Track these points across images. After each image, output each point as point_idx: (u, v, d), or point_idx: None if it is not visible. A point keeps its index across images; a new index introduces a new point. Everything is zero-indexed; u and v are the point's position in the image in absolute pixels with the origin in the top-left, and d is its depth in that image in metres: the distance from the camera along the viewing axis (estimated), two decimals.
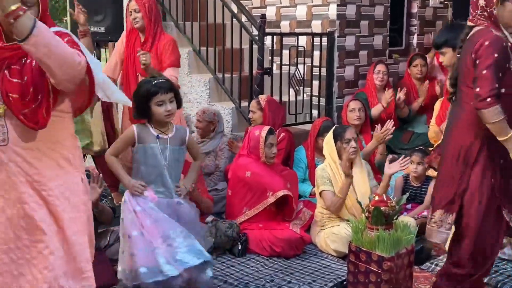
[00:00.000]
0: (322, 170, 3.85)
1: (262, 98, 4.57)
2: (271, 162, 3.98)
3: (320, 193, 3.83)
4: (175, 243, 2.85)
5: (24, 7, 1.88)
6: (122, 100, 2.35)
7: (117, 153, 3.04)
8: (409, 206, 4.25)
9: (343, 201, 3.71)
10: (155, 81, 2.89)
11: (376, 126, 4.46)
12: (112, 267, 3.28)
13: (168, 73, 3.89)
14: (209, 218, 3.97)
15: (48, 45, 1.89)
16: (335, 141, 3.85)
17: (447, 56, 3.25)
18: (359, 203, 3.27)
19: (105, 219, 3.46)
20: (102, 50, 5.87)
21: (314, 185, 4.39)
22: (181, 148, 2.99)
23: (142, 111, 2.90)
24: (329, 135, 3.92)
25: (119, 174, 2.99)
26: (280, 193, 3.83)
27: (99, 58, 5.41)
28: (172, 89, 2.93)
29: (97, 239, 3.39)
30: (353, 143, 3.81)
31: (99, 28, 5.16)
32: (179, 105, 3.02)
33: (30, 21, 1.86)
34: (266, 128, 4.00)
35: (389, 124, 4.37)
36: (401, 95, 5.28)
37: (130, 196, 2.95)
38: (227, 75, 5.29)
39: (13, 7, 1.83)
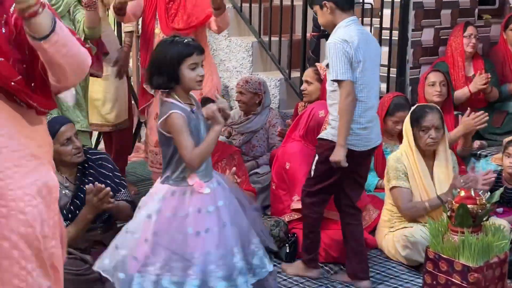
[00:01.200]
0: (397, 160, 3.80)
1: (322, 66, 4.53)
2: None
3: (391, 189, 3.79)
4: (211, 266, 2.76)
5: (43, 1, 1.88)
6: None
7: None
8: (500, 210, 4.16)
9: (427, 212, 3.66)
10: (186, 40, 2.87)
11: (468, 109, 4.38)
12: None
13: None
14: None
15: (66, 45, 1.94)
16: (412, 126, 3.80)
17: (318, 15, 3.31)
18: (440, 199, 3.22)
19: (122, 217, 3.52)
20: None
21: (381, 177, 4.37)
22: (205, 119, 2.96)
23: (170, 77, 2.84)
24: (408, 116, 3.88)
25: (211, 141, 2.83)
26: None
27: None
28: (204, 51, 2.92)
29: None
30: (432, 133, 3.74)
31: None
32: None
33: (49, 16, 1.89)
34: None
35: (483, 116, 4.31)
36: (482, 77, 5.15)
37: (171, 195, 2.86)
38: (275, 39, 5.28)
39: (32, 1, 1.84)
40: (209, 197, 2.83)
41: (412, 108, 3.94)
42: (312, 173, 3.43)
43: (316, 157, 3.40)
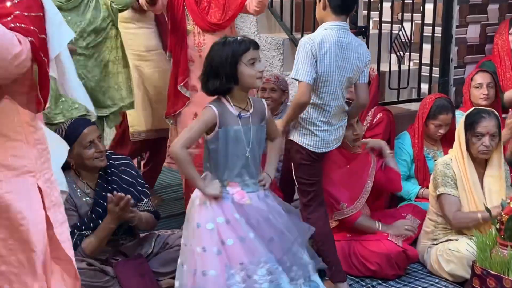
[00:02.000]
0: (446, 165, 3.78)
1: (372, 67, 4.50)
2: (355, 145, 3.92)
3: (438, 196, 3.77)
4: (255, 276, 2.88)
5: None
6: (83, 102, 2.42)
7: (190, 144, 2.97)
8: None
9: (478, 224, 3.61)
10: (239, 38, 2.97)
11: (510, 110, 4.35)
12: (157, 282, 3.36)
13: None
14: None
15: None
16: (465, 130, 3.78)
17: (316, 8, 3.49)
18: (488, 211, 3.19)
19: (145, 228, 3.56)
20: None
21: (422, 185, 4.37)
22: (262, 127, 3.07)
23: (229, 77, 2.90)
24: (462, 119, 3.85)
25: (191, 175, 2.97)
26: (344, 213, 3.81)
27: None
28: (259, 46, 3.03)
29: (138, 246, 3.51)
30: (486, 141, 3.71)
31: None
32: None
33: None
34: None
35: None
36: None
37: (211, 199, 2.97)
38: None
39: None
40: (251, 208, 2.96)
41: (468, 111, 3.90)
42: (296, 184, 3.55)
43: (293, 166, 3.52)
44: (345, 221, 3.80)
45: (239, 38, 2.96)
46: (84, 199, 3.41)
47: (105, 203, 3.33)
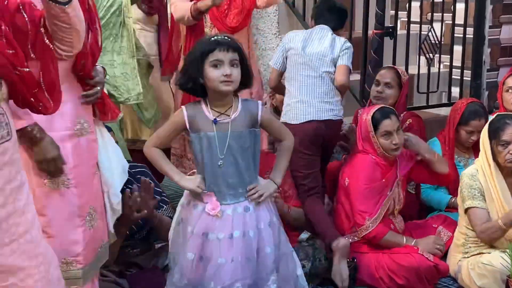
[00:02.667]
0: (471, 177, 3.74)
1: (403, 71, 4.52)
2: (394, 154, 3.90)
3: (466, 210, 3.74)
4: None
5: None
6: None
7: (160, 144, 3.07)
8: None
9: (503, 232, 3.59)
10: (216, 37, 2.96)
11: None
12: None
13: None
14: (305, 235, 3.98)
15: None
16: (490, 138, 3.74)
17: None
18: None
19: (165, 233, 3.54)
20: None
21: (453, 194, 4.33)
22: (251, 131, 3.00)
23: (191, 76, 2.92)
24: (486, 127, 3.81)
25: (165, 170, 3.05)
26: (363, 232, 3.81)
27: None
28: (238, 50, 2.93)
29: (154, 258, 3.52)
30: (511, 149, 3.67)
31: None
32: (247, 81, 3.01)
33: None
34: (376, 108, 3.93)
35: None
36: None
37: (187, 205, 3.06)
38: None
39: None
40: (221, 222, 2.95)
41: (491, 118, 3.87)
42: (292, 179, 3.93)
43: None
44: (371, 238, 3.80)
45: (214, 38, 2.94)
46: None
47: None
